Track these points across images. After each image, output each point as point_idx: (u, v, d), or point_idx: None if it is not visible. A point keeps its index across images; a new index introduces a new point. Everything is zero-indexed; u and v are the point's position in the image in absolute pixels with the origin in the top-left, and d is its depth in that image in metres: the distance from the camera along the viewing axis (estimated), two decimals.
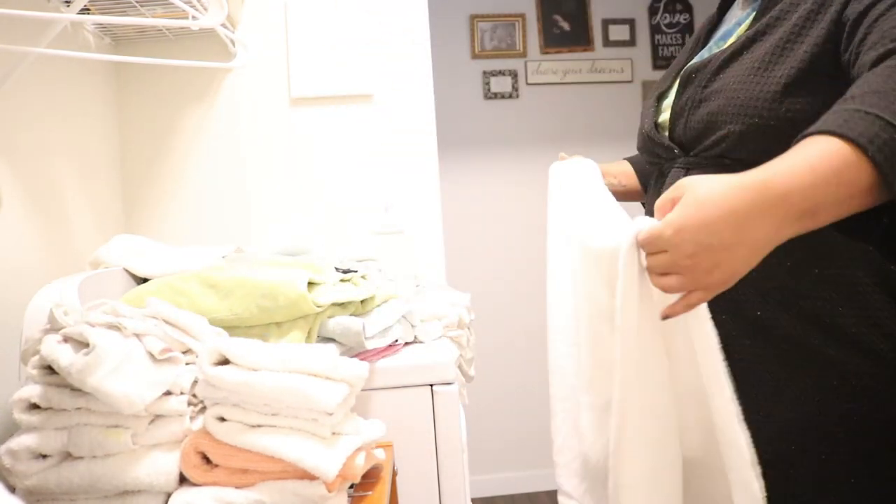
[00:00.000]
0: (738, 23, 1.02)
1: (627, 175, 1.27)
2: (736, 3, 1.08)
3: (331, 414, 0.71)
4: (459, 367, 1.11)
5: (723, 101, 0.88)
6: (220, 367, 0.72)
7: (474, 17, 3.01)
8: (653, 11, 3.10)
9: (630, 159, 1.31)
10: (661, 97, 1.08)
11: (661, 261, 0.65)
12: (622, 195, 1.23)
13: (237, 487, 0.70)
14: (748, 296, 0.83)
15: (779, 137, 0.74)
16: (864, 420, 0.81)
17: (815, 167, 0.62)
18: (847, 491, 0.82)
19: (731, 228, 0.61)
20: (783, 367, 0.84)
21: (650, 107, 1.09)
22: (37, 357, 0.77)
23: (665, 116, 1.03)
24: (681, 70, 1.03)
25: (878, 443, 0.82)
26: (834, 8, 0.81)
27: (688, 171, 0.97)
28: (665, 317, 0.68)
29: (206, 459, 0.73)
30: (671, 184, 0.90)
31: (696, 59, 1.04)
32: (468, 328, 1.35)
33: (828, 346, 0.82)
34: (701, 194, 0.62)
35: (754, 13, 0.96)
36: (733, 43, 0.95)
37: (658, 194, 0.93)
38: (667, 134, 1.01)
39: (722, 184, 0.63)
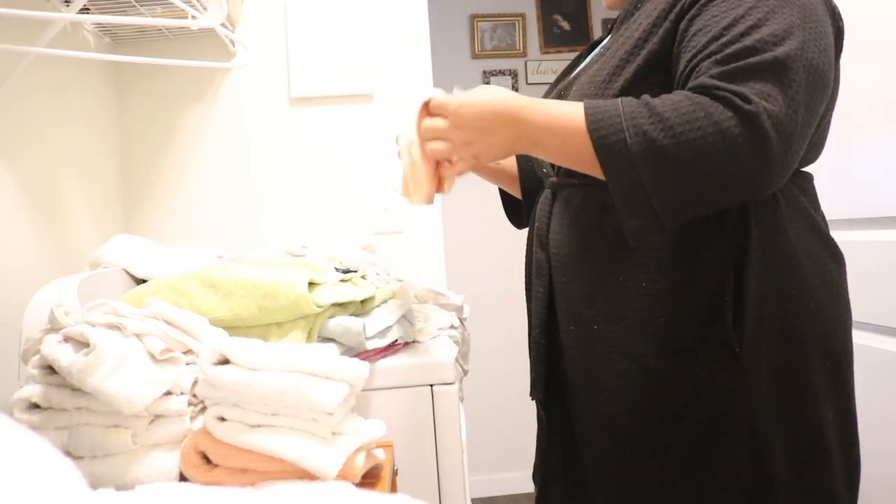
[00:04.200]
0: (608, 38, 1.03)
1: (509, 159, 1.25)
2: None
3: (331, 414, 0.71)
4: (455, 360, 1.12)
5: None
6: (221, 367, 0.72)
7: (474, 17, 3.01)
8: None
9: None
10: None
11: (437, 125, 0.84)
12: (491, 173, 1.28)
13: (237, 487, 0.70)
14: (587, 312, 0.92)
15: None
16: (675, 422, 0.87)
17: (556, 119, 0.80)
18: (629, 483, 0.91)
19: (487, 122, 0.82)
20: (610, 375, 0.91)
21: None
22: (37, 357, 0.77)
23: None
24: (558, 86, 1.05)
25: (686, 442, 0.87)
26: (670, 18, 0.85)
27: (554, 193, 1.01)
28: (439, 187, 0.90)
29: (206, 459, 0.73)
30: (542, 208, 1.02)
31: (573, 73, 1.04)
32: (462, 323, 1.36)
33: (649, 354, 0.87)
34: (482, 95, 0.83)
35: (614, 27, 0.98)
36: (591, 59, 0.97)
37: (534, 219, 1.05)
38: None
39: (498, 95, 0.83)
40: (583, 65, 1.04)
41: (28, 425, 0.75)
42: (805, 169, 0.93)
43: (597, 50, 1.04)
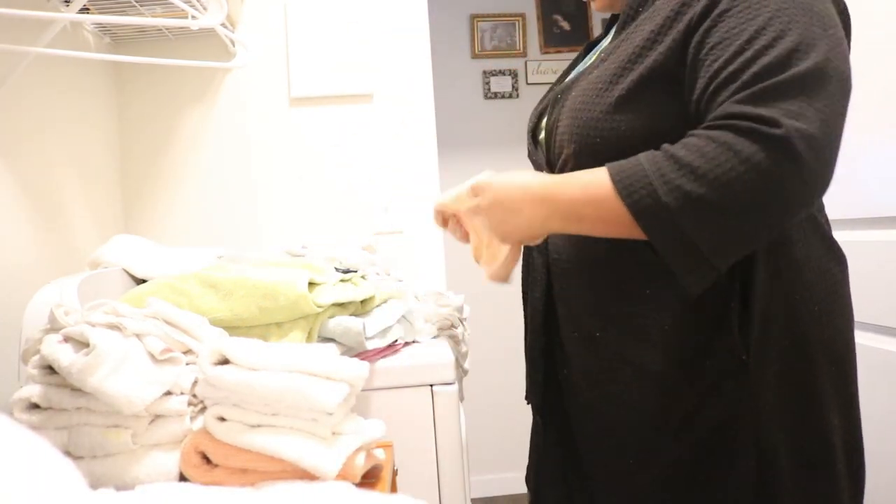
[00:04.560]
0: (607, 40, 1.00)
1: None
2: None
3: (331, 414, 0.71)
4: (455, 360, 1.12)
5: (569, 122, 0.90)
6: (221, 367, 0.72)
7: (474, 17, 3.01)
8: None
9: None
10: (541, 116, 1.04)
11: (476, 202, 0.85)
12: None
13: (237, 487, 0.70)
14: (589, 318, 0.92)
15: (610, 155, 0.79)
16: (680, 430, 0.86)
17: (585, 196, 0.77)
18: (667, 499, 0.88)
19: (518, 201, 0.81)
20: (614, 383, 0.90)
21: (530, 126, 1.06)
22: (37, 357, 0.77)
23: (543, 137, 1.01)
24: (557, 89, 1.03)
25: (689, 452, 0.86)
26: (679, 27, 0.81)
27: None
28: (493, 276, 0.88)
29: (206, 459, 0.73)
30: None
31: (570, 77, 1.02)
32: (462, 323, 1.36)
33: (653, 362, 0.86)
34: (512, 178, 0.83)
35: (614, 31, 0.94)
36: (592, 62, 0.94)
37: None
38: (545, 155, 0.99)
39: (526, 177, 0.82)
40: (580, 68, 1.02)
41: (28, 425, 0.75)
42: None
43: (595, 52, 1.02)
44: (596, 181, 0.76)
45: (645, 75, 0.83)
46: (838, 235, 0.95)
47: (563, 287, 0.95)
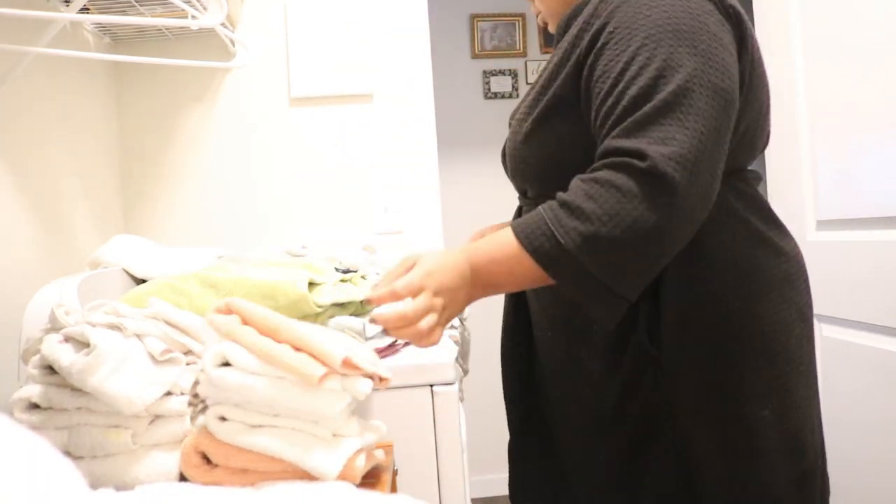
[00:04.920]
0: None
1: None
2: None
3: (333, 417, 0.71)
4: (455, 360, 1.12)
5: (507, 146, 1.00)
6: (224, 369, 0.72)
7: (474, 17, 3.01)
8: None
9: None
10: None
11: (421, 302, 0.76)
12: None
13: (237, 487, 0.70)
14: (543, 320, 1.00)
15: (532, 180, 0.93)
16: (612, 420, 0.93)
17: (494, 257, 0.81)
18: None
19: (453, 280, 0.79)
20: (567, 381, 0.97)
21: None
22: (37, 357, 0.77)
23: None
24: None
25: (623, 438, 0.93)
26: (571, 62, 0.87)
27: (520, 207, 1.07)
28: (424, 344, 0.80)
29: (207, 459, 0.73)
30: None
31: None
32: (462, 323, 1.35)
33: (589, 359, 0.93)
34: (435, 260, 0.80)
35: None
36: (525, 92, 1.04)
37: None
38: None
39: (446, 257, 0.81)
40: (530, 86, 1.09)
41: (28, 425, 0.75)
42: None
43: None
44: (503, 241, 0.81)
45: (549, 106, 0.90)
46: (837, 235, 0.95)
47: (529, 292, 1.03)
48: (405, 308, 0.76)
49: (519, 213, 1.08)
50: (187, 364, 0.80)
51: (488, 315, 1.28)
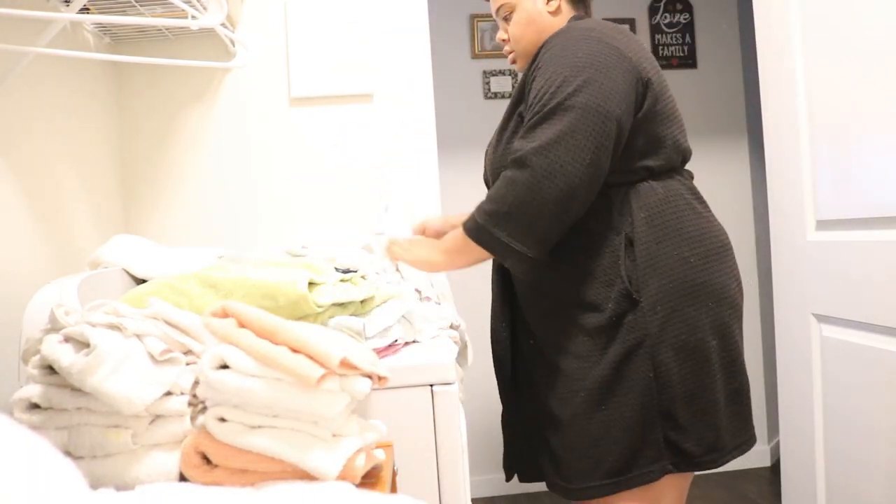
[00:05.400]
0: None
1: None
2: None
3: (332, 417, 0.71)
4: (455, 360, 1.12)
5: (487, 165, 1.38)
6: (222, 371, 0.72)
7: (474, 17, 3.01)
8: (653, 11, 3.09)
9: None
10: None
11: (396, 245, 1.32)
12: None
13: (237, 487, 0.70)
14: (538, 281, 1.27)
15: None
16: (598, 359, 1.21)
17: (447, 244, 1.26)
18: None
19: (424, 255, 1.29)
20: (558, 332, 1.25)
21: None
22: (37, 357, 0.77)
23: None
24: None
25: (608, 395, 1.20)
26: (526, 89, 1.24)
27: None
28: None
29: (207, 459, 0.73)
30: None
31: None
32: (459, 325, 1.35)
33: (580, 313, 1.23)
34: (417, 243, 1.33)
35: None
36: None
37: None
38: None
39: (422, 250, 1.30)
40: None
41: (28, 425, 0.75)
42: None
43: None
44: (454, 235, 1.25)
45: (514, 125, 1.26)
46: (838, 235, 0.95)
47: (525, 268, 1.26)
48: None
49: None
50: (187, 364, 0.80)
51: (489, 316, 1.30)
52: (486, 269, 1.44)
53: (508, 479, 1.48)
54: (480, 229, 1.15)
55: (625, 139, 1.18)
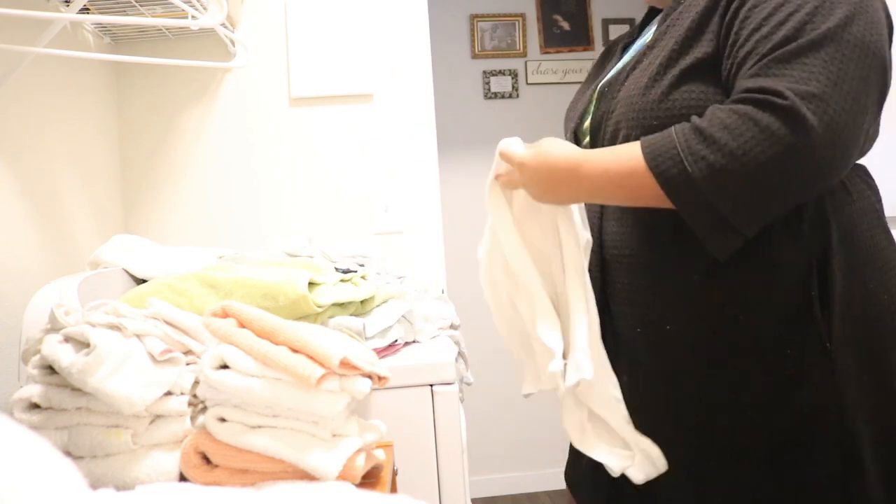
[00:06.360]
0: (649, 34, 1.03)
1: None
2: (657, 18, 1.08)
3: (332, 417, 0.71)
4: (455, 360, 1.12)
5: (624, 109, 0.93)
6: (222, 372, 0.72)
7: (474, 17, 3.01)
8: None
9: None
10: (584, 114, 1.06)
11: (513, 176, 0.92)
12: None
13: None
14: (656, 312, 0.91)
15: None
16: (758, 422, 0.86)
17: (609, 168, 0.84)
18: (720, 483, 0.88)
19: (548, 182, 0.88)
20: (691, 377, 0.90)
21: (573, 126, 1.09)
22: (37, 357, 0.77)
23: (586, 132, 1.04)
24: (596, 86, 1.05)
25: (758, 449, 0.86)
26: (719, 11, 0.86)
27: None
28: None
29: (207, 459, 0.73)
30: (591, 208, 1.02)
31: (611, 73, 1.04)
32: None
33: (730, 355, 0.87)
34: (546, 151, 0.88)
35: (658, 22, 0.98)
36: (637, 53, 0.97)
37: (589, 211, 1.03)
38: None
39: (558, 151, 0.88)
40: (622, 62, 1.03)
41: (28, 425, 0.75)
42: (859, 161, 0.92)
43: (637, 45, 1.03)
44: (626, 154, 0.82)
45: (692, 64, 0.87)
46: None
47: (628, 283, 0.94)
48: (495, 167, 0.95)
49: None
50: (187, 364, 0.80)
51: (489, 316, 1.28)
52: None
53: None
54: (689, 182, 0.77)
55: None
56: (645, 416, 0.92)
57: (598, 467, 0.95)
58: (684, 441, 0.89)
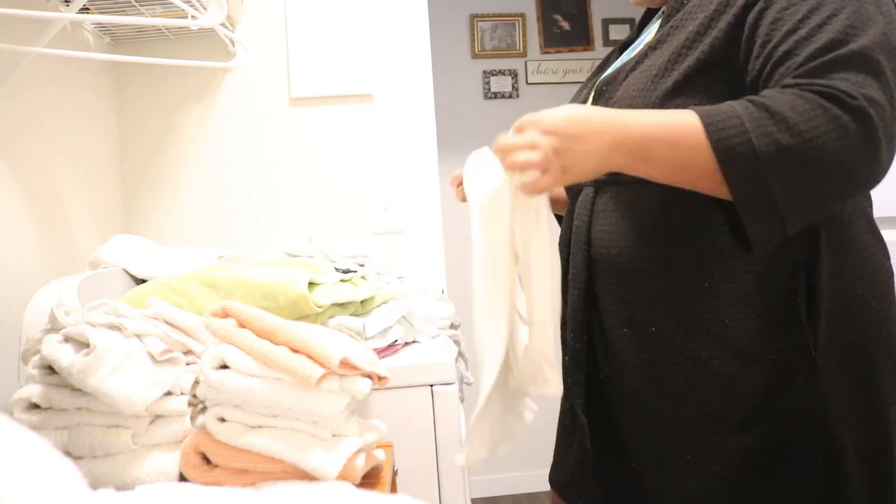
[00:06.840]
0: (648, 34, 1.00)
1: None
2: (655, 17, 1.05)
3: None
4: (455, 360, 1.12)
5: (623, 109, 0.87)
6: (222, 372, 0.72)
7: (474, 17, 3.01)
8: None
9: None
10: None
11: (528, 135, 0.75)
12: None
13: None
14: (644, 314, 0.89)
15: None
16: (746, 427, 0.84)
17: (660, 130, 0.75)
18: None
19: (578, 126, 0.74)
20: (673, 379, 0.87)
21: None
22: (37, 357, 0.77)
23: None
24: (594, 84, 1.02)
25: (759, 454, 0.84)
26: (733, 11, 0.82)
27: (596, 190, 0.96)
28: (525, 190, 0.77)
29: (207, 459, 0.73)
30: (582, 206, 0.97)
31: (609, 71, 1.01)
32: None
33: (715, 357, 0.85)
34: (569, 109, 0.76)
35: (660, 22, 0.94)
36: (638, 52, 0.94)
37: (572, 218, 0.99)
38: None
39: (586, 108, 0.78)
40: (621, 60, 1.00)
41: (28, 425, 0.75)
42: None
43: (636, 48, 1.00)
44: (677, 121, 0.74)
45: (702, 60, 0.83)
46: None
47: (615, 282, 0.92)
48: (505, 138, 0.77)
49: (593, 192, 0.97)
50: (187, 364, 0.80)
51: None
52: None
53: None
54: (751, 159, 0.71)
55: None
56: (623, 418, 0.92)
57: (588, 468, 0.95)
58: (665, 443, 0.89)
